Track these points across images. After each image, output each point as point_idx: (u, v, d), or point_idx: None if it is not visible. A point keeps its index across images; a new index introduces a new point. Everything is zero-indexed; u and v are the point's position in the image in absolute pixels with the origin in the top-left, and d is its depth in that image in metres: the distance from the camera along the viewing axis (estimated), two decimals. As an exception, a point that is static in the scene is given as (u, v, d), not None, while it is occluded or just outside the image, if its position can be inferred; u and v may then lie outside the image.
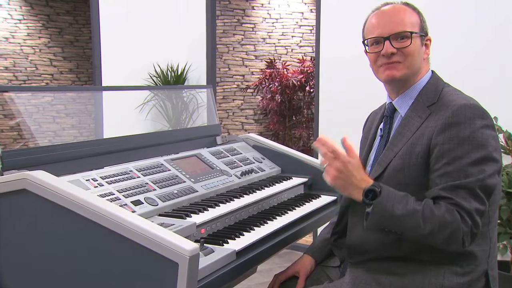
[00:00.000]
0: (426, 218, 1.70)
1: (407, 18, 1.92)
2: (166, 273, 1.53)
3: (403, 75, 1.92)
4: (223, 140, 2.95)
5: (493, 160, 1.74)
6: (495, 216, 1.88)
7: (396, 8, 1.96)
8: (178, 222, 1.87)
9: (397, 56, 1.91)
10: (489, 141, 1.74)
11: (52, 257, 1.73)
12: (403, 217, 1.71)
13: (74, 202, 1.66)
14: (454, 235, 1.69)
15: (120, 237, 1.59)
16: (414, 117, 1.88)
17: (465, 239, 1.70)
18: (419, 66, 1.94)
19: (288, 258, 4.46)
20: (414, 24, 1.93)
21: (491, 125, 1.78)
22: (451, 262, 1.80)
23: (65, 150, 2.13)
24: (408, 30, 1.90)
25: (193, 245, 1.53)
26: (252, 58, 8.37)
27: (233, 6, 8.20)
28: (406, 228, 1.73)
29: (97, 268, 1.66)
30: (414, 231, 1.72)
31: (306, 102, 8.20)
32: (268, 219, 2.22)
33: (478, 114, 1.76)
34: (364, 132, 2.20)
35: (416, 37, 1.91)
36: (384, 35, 1.91)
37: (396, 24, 1.91)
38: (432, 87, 1.93)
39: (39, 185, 1.71)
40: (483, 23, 3.90)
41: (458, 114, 1.76)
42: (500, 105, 3.72)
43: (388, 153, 1.90)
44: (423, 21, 1.96)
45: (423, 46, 1.95)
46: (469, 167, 1.71)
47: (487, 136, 1.74)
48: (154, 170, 2.24)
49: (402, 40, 1.90)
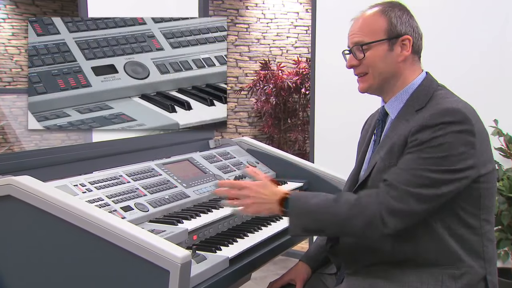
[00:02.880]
0: (342, 202, 1.76)
1: (364, 28, 1.90)
2: (157, 281, 1.53)
3: (369, 86, 1.93)
4: (216, 143, 2.91)
5: (451, 161, 1.71)
6: (490, 220, 1.85)
7: (360, 17, 1.94)
8: (169, 229, 1.86)
9: (360, 67, 1.91)
10: (457, 146, 1.71)
11: (38, 265, 1.71)
12: (319, 207, 1.78)
13: (62, 208, 1.65)
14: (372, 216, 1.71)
15: (109, 244, 1.58)
16: (402, 121, 1.87)
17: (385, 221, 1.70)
18: (391, 72, 1.91)
19: (283, 265, 4.42)
20: (375, 32, 1.89)
21: (469, 130, 1.73)
22: (447, 264, 1.78)
23: (52, 154, 2.11)
24: (364, 41, 1.88)
25: (184, 252, 1.53)
26: (246, 59, 8.35)
27: (227, 6, 8.17)
28: (324, 218, 1.78)
29: (86, 276, 1.64)
30: (332, 220, 1.76)
31: (301, 105, 8.17)
32: (262, 225, 2.21)
33: (457, 119, 1.73)
34: (362, 136, 2.19)
35: (377, 45, 1.88)
36: (349, 47, 1.94)
37: (355, 36, 1.91)
38: (423, 91, 1.90)
39: (25, 190, 1.69)
40: (483, 26, 3.88)
41: (435, 117, 1.75)
42: (500, 108, 3.69)
43: (374, 157, 1.91)
44: (392, 23, 1.89)
45: (393, 50, 1.90)
46: (422, 160, 1.72)
47: (458, 141, 1.72)
48: (144, 175, 2.22)
49: (360, 52, 1.90)
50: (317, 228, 1.81)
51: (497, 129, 3.49)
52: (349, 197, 1.78)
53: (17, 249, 1.74)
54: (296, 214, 1.80)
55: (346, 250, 1.97)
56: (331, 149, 4.59)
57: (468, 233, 1.78)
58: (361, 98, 2.23)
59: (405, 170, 1.73)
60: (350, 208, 1.74)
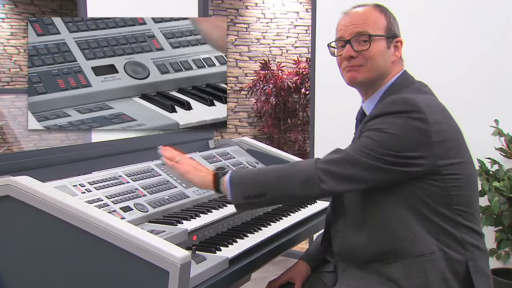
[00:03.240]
0: (281, 166, 1.84)
1: (370, 20, 1.91)
2: (157, 281, 1.52)
3: (364, 78, 1.92)
4: (216, 144, 2.91)
5: (398, 143, 1.73)
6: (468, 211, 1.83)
7: (361, 10, 1.95)
8: (169, 229, 1.86)
9: (358, 59, 1.91)
10: (406, 131, 1.73)
11: (38, 266, 1.71)
12: (258, 172, 1.87)
13: (61, 209, 1.64)
14: (310, 172, 1.75)
15: (108, 244, 1.58)
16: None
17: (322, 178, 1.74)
18: (384, 69, 1.92)
19: (283, 265, 4.41)
20: (378, 26, 1.91)
21: (421, 118, 1.74)
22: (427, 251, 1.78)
23: (51, 154, 2.10)
24: (370, 33, 1.89)
25: (184, 253, 1.52)
26: (246, 59, 8.34)
27: (226, 6, 8.16)
28: (263, 181, 1.82)
29: (85, 276, 1.64)
30: (272, 181, 1.80)
31: (301, 105, 8.16)
32: (262, 226, 2.21)
33: (406, 107, 1.75)
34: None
35: (379, 40, 1.90)
36: (345, 37, 1.93)
37: (357, 27, 1.91)
38: (395, 88, 1.91)
39: (24, 191, 1.68)
40: (484, 26, 3.87)
41: (385, 106, 1.79)
42: (501, 108, 3.69)
43: None
44: (390, 23, 1.93)
45: (390, 49, 1.92)
46: (371, 139, 1.75)
47: (408, 128, 1.73)
48: (144, 175, 2.21)
49: (363, 44, 1.90)
50: (258, 192, 1.81)
51: (498, 129, 3.49)
52: (288, 163, 1.84)
53: (16, 250, 1.73)
54: (237, 183, 1.82)
55: (339, 251, 1.99)
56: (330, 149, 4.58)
57: (440, 221, 1.78)
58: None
59: (350, 146, 1.79)
60: (288, 167, 1.81)
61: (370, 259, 1.85)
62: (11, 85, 8.98)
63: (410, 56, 3.83)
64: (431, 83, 1.96)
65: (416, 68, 1.99)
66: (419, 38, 3.93)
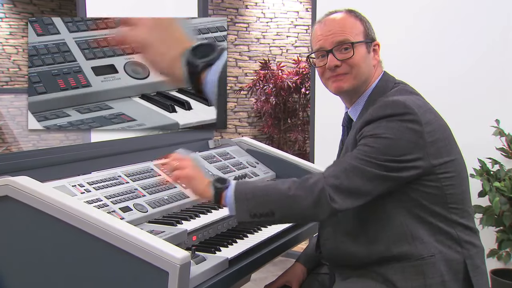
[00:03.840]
0: (288, 182, 1.76)
1: (348, 27, 1.91)
2: (156, 282, 1.52)
3: (350, 86, 1.92)
4: (216, 144, 2.90)
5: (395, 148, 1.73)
6: (463, 209, 1.84)
7: (337, 19, 1.93)
8: (168, 229, 1.85)
9: (343, 68, 1.90)
10: (401, 134, 1.73)
11: (37, 266, 1.71)
12: (266, 187, 1.78)
13: (60, 209, 1.64)
14: (319, 192, 1.70)
15: (108, 245, 1.57)
16: (358, 123, 1.88)
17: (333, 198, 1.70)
18: (368, 75, 1.93)
19: (283, 266, 4.40)
20: (356, 32, 1.91)
21: (413, 119, 1.74)
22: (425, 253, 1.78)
23: (50, 154, 2.10)
24: (350, 40, 1.88)
25: (183, 253, 1.52)
26: (246, 59, 8.33)
27: (226, 5, 8.16)
28: (271, 200, 1.75)
29: (84, 277, 1.63)
30: (280, 201, 1.74)
31: (301, 105, 8.16)
32: (262, 226, 2.19)
33: (398, 110, 1.75)
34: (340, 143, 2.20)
35: (360, 46, 1.90)
36: (326, 47, 1.91)
37: (337, 35, 1.90)
38: (379, 91, 1.92)
39: (23, 191, 1.68)
40: (485, 26, 3.87)
41: (377, 111, 1.78)
42: (502, 108, 3.68)
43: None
44: (367, 27, 1.94)
45: (370, 53, 1.93)
46: (368, 148, 1.73)
47: (403, 130, 1.73)
48: (143, 175, 2.21)
49: (346, 51, 1.89)
50: (265, 211, 1.75)
51: (499, 129, 3.48)
52: (295, 179, 1.78)
53: (16, 250, 1.73)
54: (242, 199, 1.77)
55: (329, 258, 2.00)
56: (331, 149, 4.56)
57: (436, 221, 1.78)
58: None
59: (351, 155, 1.76)
60: (297, 187, 1.74)
61: (366, 265, 1.85)
62: (10, 85, 8.96)
63: (411, 56, 3.84)
64: (431, 83, 1.97)
65: (417, 68, 1.99)
66: (419, 38, 3.93)
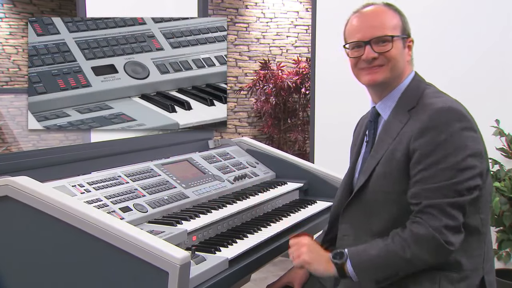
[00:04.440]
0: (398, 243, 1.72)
1: (387, 21, 1.90)
2: (156, 282, 1.52)
3: (385, 78, 1.90)
4: (216, 144, 2.90)
5: (470, 164, 1.71)
6: (487, 219, 1.84)
7: (377, 11, 1.92)
8: (168, 230, 1.85)
9: (379, 60, 1.89)
10: (466, 145, 1.71)
11: (37, 266, 1.71)
12: (381, 254, 1.74)
13: (60, 209, 1.64)
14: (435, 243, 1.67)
15: (108, 245, 1.58)
16: (395, 122, 1.87)
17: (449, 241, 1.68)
18: (402, 69, 1.92)
19: (283, 266, 4.41)
20: (395, 27, 1.90)
21: (471, 127, 1.75)
22: (446, 268, 1.76)
23: (50, 155, 2.10)
24: (389, 34, 1.87)
25: (183, 253, 1.52)
26: (246, 59, 8.33)
27: (226, 5, 8.15)
28: (392, 265, 1.73)
29: (84, 277, 1.64)
30: (400, 264, 1.72)
31: (301, 105, 8.15)
32: (262, 226, 2.20)
33: (455, 117, 1.74)
34: (354, 138, 2.19)
35: (397, 40, 1.89)
36: (364, 39, 1.89)
37: (377, 28, 1.88)
38: (413, 90, 1.90)
39: (22, 191, 1.68)
40: (485, 26, 3.87)
41: (434, 118, 1.74)
42: (502, 108, 3.68)
43: (371, 161, 1.90)
44: (404, 22, 1.93)
45: (405, 49, 1.92)
46: (444, 172, 1.70)
47: (465, 138, 1.72)
48: (143, 175, 2.21)
49: (383, 44, 1.88)
50: (390, 274, 1.75)
51: (499, 129, 3.48)
52: (401, 234, 1.73)
53: (15, 250, 1.73)
54: (362, 270, 1.75)
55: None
56: (331, 149, 4.57)
57: (468, 235, 1.76)
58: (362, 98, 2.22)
59: (433, 190, 1.70)
60: (411, 247, 1.70)
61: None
62: (9, 85, 8.94)
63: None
64: (432, 83, 1.96)
65: (417, 69, 1.99)
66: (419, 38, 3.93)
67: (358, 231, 1.91)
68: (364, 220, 1.89)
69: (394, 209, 1.81)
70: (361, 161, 2.02)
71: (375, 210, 1.85)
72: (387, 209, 1.82)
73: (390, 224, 1.81)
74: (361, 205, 1.90)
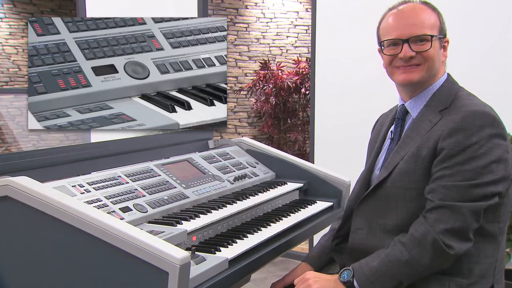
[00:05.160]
0: (398, 248, 1.73)
1: (426, 20, 1.88)
2: (156, 282, 1.51)
3: (420, 78, 1.89)
4: (216, 144, 2.90)
5: (493, 170, 1.69)
6: (504, 227, 1.83)
7: (416, 9, 1.90)
8: (168, 230, 1.84)
9: (416, 59, 1.87)
10: (494, 151, 1.70)
11: (37, 267, 1.70)
12: (382, 265, 1.74)
13: (59, 209, 1.63)
14: (434, 245, 1.67)
15: (107, 245, 1.57)
16: (425, 121, 1.85)
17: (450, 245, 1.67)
18: (437, 69, 1.91)
19: (283, 266, 4.42)
20: (433, 26, 1.88)
21: (502, 134, 1.74)
22: (455, 273, 1.76)
23: (50, 155, 2.09)
24: (428, 33, 1.86)
25: (183, 253, 1.51)
26: (246, 59, 8.33)
27: (226, 5, 8.15)
28: (395, 273, 1.73)
29: (84, 277, 1.63)
30: (403, 271, 1.72)
31: (301, 105, 8.15)
32: (262, 226, 2.19)
33: (488, 122, 1.72)
34: (373, 135, 2.16)
35: (436, 40, 1.88)
36: (403, 37, 1.87)
37: (416, 27, 1.86)
38: (446, 91, 1.89)
39: (22, 191, 1.68)
40: (485, 26, 3.87)
41: (467, 120, 1.73)
42: (502, 108, 3.67)
43: (395, 156, 1.88)
44: (442, 22, 1.92)
45: (441, 49, 1.92)
46: (465, 173, 1.69)
47: (493, 145, 1.70)
48: (143, 176, 2.20)
49: (421, 43, 1.86)
50: (394, 283, 1.75)
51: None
52: (402, 239, 1.74)
53: (15, 250, 1.72)
54: (368, 285, 1.75)
55: (352, 247, 1.97)
56: (331, 149, 4.58)
57: (483, 242, 1.76)
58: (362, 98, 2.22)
59: (450, 188, 1.70)
60: (409, 248, 1.71)
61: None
62: (9, 85, 8.94)
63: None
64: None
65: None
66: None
67: (372, 225, 1.91)
68: (380, 215, 1.88)
69: (412, 206, 1.80)
70: (383, 157, 2.00)
71: (393, 205, 1.84)
72: (405, 205, 1.82)
73: (406, 222, 1.80)
74: (379, 199, 1.89)
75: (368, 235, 1.90)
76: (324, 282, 1.81)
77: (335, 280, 1.80)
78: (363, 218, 1.93)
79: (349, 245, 1.99)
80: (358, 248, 1.93)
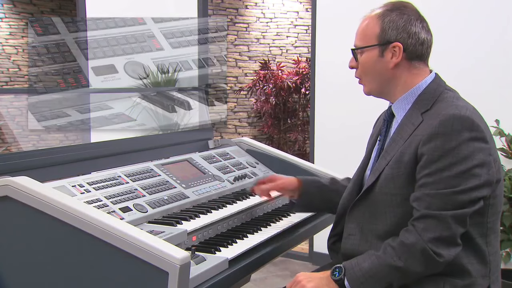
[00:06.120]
0: (389, 254, 1.72)
1: (362, 31, 1.91)
2: (156, 282, 1.51)
3: (369, 90, 1.94)
4: (216, 144, 2.90)
5: (475, 175, 1.68)
6: (496, 228, 1.84)
7: (364, 19, 1.94)
8: (168, 230, 1.84)
9: (357, 71, 1.93)
10: (475, 155, 1.69)
11: (37, 267, 1.70)
12: (372, 267, 1.74)
13: (59, 209, 1.63)
14: (425, 254, 1.68)
15: (107, 245, 1.57)
16: (408, 124, 1.84)
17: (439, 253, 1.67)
18: (385, 77, 1.89)
19: (283, 266, 4.41)
20: (368, 36, 1.88)
21: (481, 137, 1.72)
22: (450, 274, 1.76)
23: (50, 155, 2.09)
24: (359, 45, 1.90)
25: (183, 253, 1.51)
26: (246, 59, 8.33)
27: (226, 5, 8.15)
28: (385, 276, 1.73)
29: (84, 277, 1.63)
30: (393, 275, 1.72)
31: (301, 105, 8.15)
32: (262, 226, 2.19)
33: (467, 125, 1.70)
34: (372, 131, 2.15)
35: (368, 51, 1.88)
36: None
37: (355, 38, 1.93)
38: (430, 92, 1.86)
39: (22, 191, 1.67)
40: (485, 26, 3.87)
41: (445, 125, 1.71)
42: (502, 108, 3.68)
43: (381, 161, 1.88)
44: (384, 29, 1.86)
45: (384, 56, 1.87)
46: (448, 180, 1.68)
47: (473, 149, 1.69)
48: (143, 176, 2.20)
49: (359, 56, 1.91)
50: (383, 285, 1.76)
51: (499, 129, 3.48)
52: (392, 243, 1.74)
53: (15, 250, 1.72)
54: (358, 284, 1.75)
55: (345, 252, 1.96)
56: (331, 150, 4.58)
57: (474, 244, 1.76)
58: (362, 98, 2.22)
59: (434, 196, 1.69)
60: (399, 255, 1.71)
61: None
62: (9, 85, 8.94)
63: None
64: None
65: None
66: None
67: (364, 230, 1.90)
68: (371, 221, 1.88)
69: (399, 212, 1.79)
70: (373, 159, 2.01)
71: (382, 211, 1.84)
72: (393, 211, 1.81)
73: (394, 228, 1.80)
74: (368, 205, 1.89)
75: (360, 240, 1.90)
76: (318, 281, 1.81)
77: (327, 277, 1.80)
78: (355, 224, 1.93)
79: (342, 250, 1.99)
80: (351, 254, 1.92)
